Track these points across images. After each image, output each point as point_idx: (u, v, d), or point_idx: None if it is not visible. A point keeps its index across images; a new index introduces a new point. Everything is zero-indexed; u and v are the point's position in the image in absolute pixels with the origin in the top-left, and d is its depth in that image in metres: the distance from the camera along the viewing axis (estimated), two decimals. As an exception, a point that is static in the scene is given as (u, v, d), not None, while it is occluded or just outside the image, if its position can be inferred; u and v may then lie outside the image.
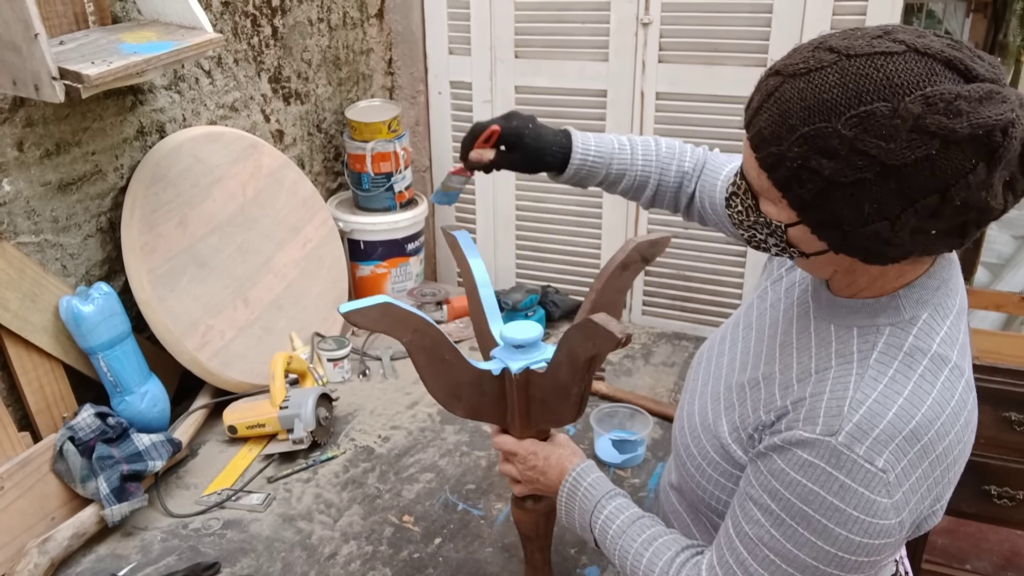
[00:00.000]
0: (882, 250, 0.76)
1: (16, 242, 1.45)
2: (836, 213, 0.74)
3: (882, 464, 0.77)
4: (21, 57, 1.23)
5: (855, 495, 0.78)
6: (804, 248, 0.82)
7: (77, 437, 1.41)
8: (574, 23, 2.16)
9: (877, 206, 0.71)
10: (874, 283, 0.84)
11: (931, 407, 0.79)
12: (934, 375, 0.80)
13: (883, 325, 0.83)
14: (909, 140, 0.68)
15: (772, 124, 0.75)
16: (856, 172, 0.70)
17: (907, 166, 0.68)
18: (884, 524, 0.79)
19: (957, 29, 3.97)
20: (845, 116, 0.70)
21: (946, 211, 0.70)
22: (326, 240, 2.04)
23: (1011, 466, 1.98)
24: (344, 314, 0.97)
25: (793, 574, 0.83)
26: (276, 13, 1.99)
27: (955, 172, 0.68)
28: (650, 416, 1.59)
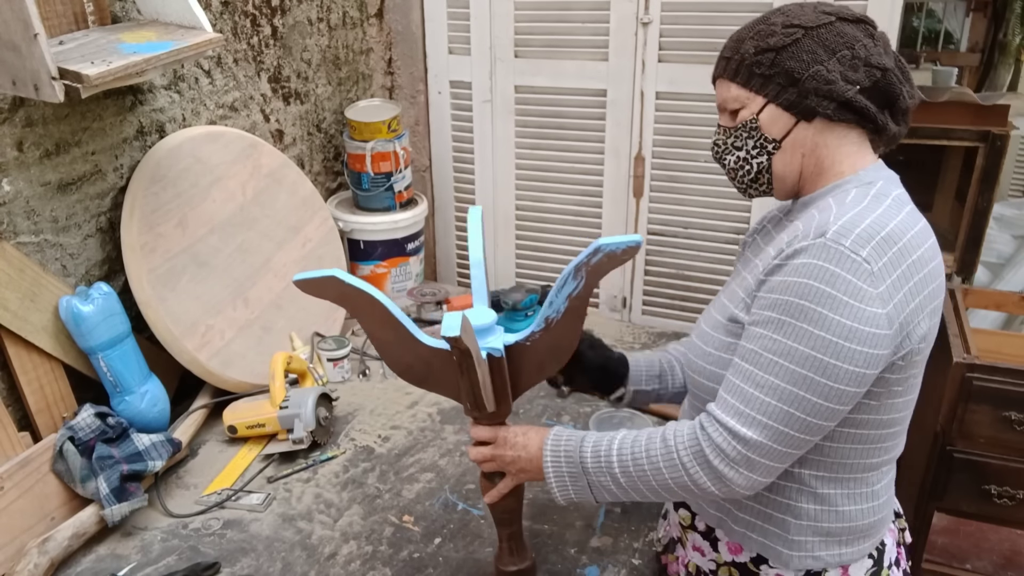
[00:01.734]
0: (827, 91, 0.99)
1: (16, 242, 1.45)
2: (787, 70, 1.00)
3: (866, 254, 0.91)
4: (21, 57, 1.23)
5: (843, 281, 0.91)
6: (775, 131, 1.03)
7: (77, 437, 1.41)
8: (574, 23, 2.16)
9: (812, 54, 0.99)
10: (835, 161, 1.03)
11: (901, 222, 0.96)
12: (898, 208, 0.98)
13: (849, 188, 1.02)
14: (816, 15, 1.02)
15: (730, 47, 1.06)
16: (790, 36, 1.01)
17: (820, 27, 1.00)
18: (872, 312, 0.91)
19: (957, 28, 3.97)
20: (773, 16, 1.05)
21: (859, 65, 0.99)
22: (326, 240, 2.04)
23: (1011, 466, 1.98)
24: (296, 282, 1.06)
25: (794, 369, 0.93)
26: (276, 13, 1.99)
27: (852, 36, 1.00)
28: (649, 419, 1.59)
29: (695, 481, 0.98)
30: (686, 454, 0.98)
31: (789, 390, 0.93)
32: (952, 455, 2.01)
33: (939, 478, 2.05)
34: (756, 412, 0.94)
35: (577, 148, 2.28)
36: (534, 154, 2.34)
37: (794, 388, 0.93)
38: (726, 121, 1.09)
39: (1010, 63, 3.54)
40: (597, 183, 2.29)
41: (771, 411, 0.94)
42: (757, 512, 1.08)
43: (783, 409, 0.93)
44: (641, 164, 2.21)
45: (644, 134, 2.18)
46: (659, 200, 2.24)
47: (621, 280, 2.36)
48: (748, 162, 1.07)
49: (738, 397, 0.96)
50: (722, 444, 0.96)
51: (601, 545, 1.36)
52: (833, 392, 0.92)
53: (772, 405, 0.94)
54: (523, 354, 1.13)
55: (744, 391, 0.96)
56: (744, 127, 1.05)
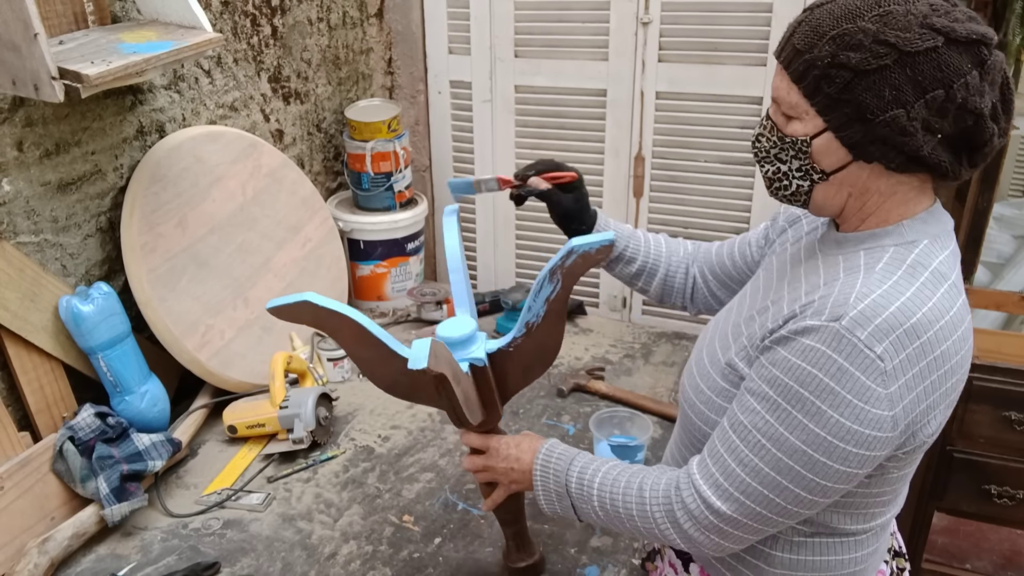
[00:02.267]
0: (899, 142, 0.83)
1: (16, 242, 1.45)
2: (859, 103, 0.83)
3: (880, 351, 0.82)
4: (21, 57, 1.23)
5: (851, 379, 0.82)
6: (826, 163, 0.90)
7: (77, 437, 1.41)
8: (574, 22, 2.16)
9: (896, 92, 0.82)
10: (881, 208, 0.91)
11: (931, 310, 0.84)
12: (935, 285, 0.86)
13: (888, 245, 0.90)
14: (920, 33, 0.81)
15: (805, 37, 0.87)
16: (878, 59, 0.81)
17: (919, 54, 0.81)
18: (876, 414, 0.83)
19: (957, 28, 3.96)
20: (868, 15, 0.83)
21: (949, 109, 0.82)
22: (326, 240, 2.04)
23: (1011, 466, 1.98)
24: (270, 310, 1.04)
25: (781, 458, 0.87)
26: (276, 13, 1.99)
27: (956, 70, 0.81)
28: (649, 420, 1.59)
29: (664, 536, 0.97)
30: (659, 511, 0.97)
31: (772, 476, 0.88)
32: (952, 455, 2.01)
33: (939, 478, 2.05)
34: (734, 488, 0.90)
35: (577, 148, 2.28)
36: (534, 154, 2.34)
37: (778, 476, 0.88)
38: (777, 119, 0.93)
39: (1010, 63, 3.53)
40: (597, 183, 2.29)
41: (750, 491, 0.89)
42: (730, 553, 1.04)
43: (762, 492, 0.89)
44: (641, 164, 2.21)
45: (644, 134, 2.18)
46: (659, 200, 2.24)
47: (621, 280, 2.36)
48: (788, 179, 0.94)
49: (719, 468, 0.92)
50: (695, 510, 0.93)
51: (601, 545, 1.36)
52: (818, 487, 0.87)
53: (752, 486, 0.89)
54: (508, 360, 1.13)
55: (726, 464, 0.91)
56: (794, 144, 0.91)
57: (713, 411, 1.00)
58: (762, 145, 0.96)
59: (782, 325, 0.90)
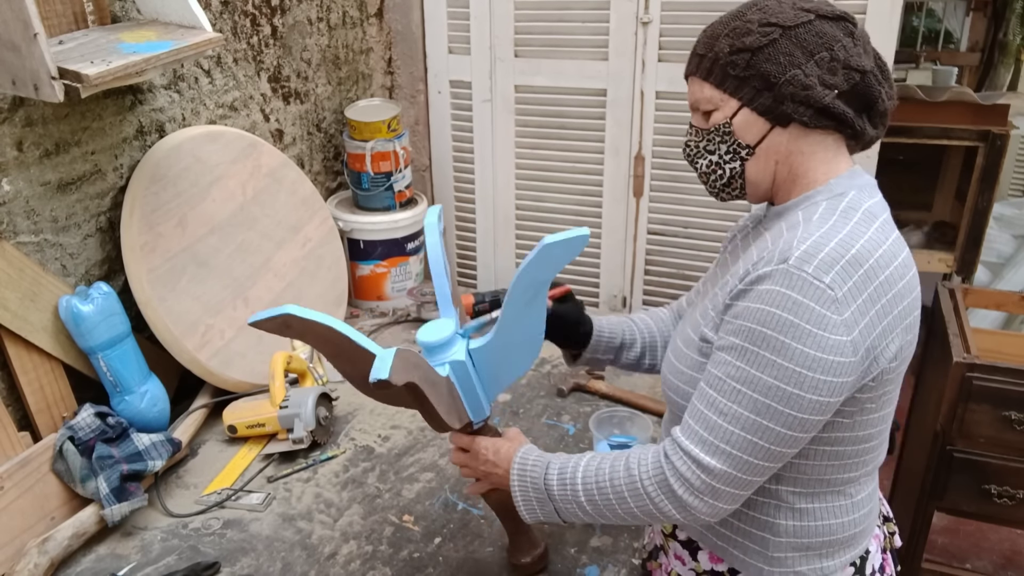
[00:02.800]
0: (804, 96, 0.95)
1: (16, 242, 1.45)
2: (763, 73, 0.96)
3: (829, 280, 0.89)
4: (20, 57, 1.23)
5: (806, 309, 0.89)
6: (749, 137, 1.00)
7: (77, 437, 1.41)
8: (574, 22, 2.16)
9: (789, 57, 0.95)
10: (808, 169, 1.00)
11: (868, 242, 0.93)
12: (867, 223, 0.95)
13: (820, 200, 0.99)
14: (794, 13, 0.96)
15: (704, 44, 1.01)
16: (767, 36, 0.96)
17: (799, 26, 0.95)
18: (836, 340, 0.89)
19: (957, 28, 3.97)
20: (749, 12, 0.99)
21: (837, 68, 0.95)
22: (326, 239, 2.04)
23: (1011, 465, 1.98)
24: (251, 324, 1.03)
25: (757, 399, 0.91)
26: (275, 12, 1.99)
27: (832, 36, 0.95)
28: (649, 419, 1.59)
29: (659, 509, 0.98)
30: (650, 483, 0.97)
31: (752, 419, 0.92)
32: (952, 455, 2.01)
33: (939, 478, 2.05)
34: (720, 440, 0.93)
35: (577, 148, 2.28)
36: (534, 154, 2.34)
37: (757, 417, 0.91)
38: (698, 121, 1.05)
39: (1010, 63, 3.54)
40: (597, 183, 2.29)
41: (734, 440, 0.92)
42: (736, 528, 1.07)
43: (746, 438, 0.92)
44: (641, 164, 2.21)
45: (644, 134, 2.18)
46: (659, 200, 2.24)
47: (621, 279, 2.36)
48: (720, 167, 1.04)
49: (702, 424, 0.95)
50: (686, 473, 0.95)
51: (601, 545, 1.36)
52: (796, 421, 0.91)
53: (735, 434, 0.92)
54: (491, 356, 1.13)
55: (708, 418, 0.94)
56: (717, 131, 1.01)
57: (693, 385, 1.03)
58: (690, 147, 1.07)
59: (738, 284, 0.97)
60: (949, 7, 3.85)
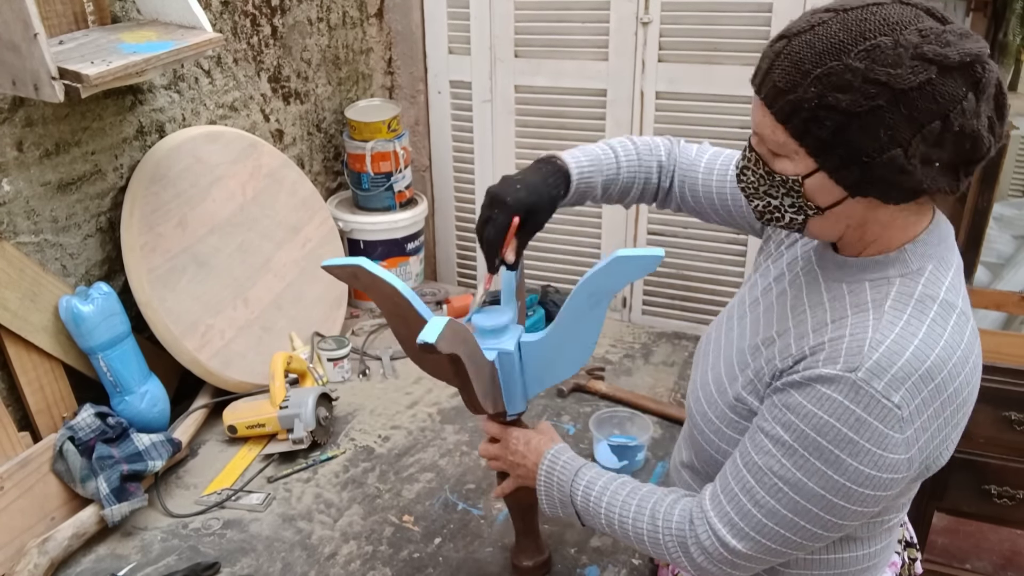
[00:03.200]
0: (898, 180, 0.80)
1: (16, 242, 1.45)
2: (854, 146, 0.79)
3: (898, 400, 0.81)
4: (21, 57, 1.23)
5: (869, 428, 0.82)
6: (820, 200, 0.86)
7: (77, 437, 1.41)
8: (574, 22, 2.16)
9: (891, 132, 0.77)
10: (882, 236, 0.89)
11: (944, 348, 0.84)
12: (944, 319, 0.85)
13: (893, 277, 0.88)
14: (912, 66, 0.76)
15: (786, 75, 0.82)
16: (870, 100, 0.77)
17: (913, 90, 0.76)
18: (894, 459, 0.83)
19: (957, 28, 3.96)
20: (854, 51, 0.78)
21: (947, 138, 0.78)
22: (326, 240, 2.04)
23: (1011, 466, 1.98)
24: (324, 267, 1.07)
25: (799, 501, 0.87)
26: (276, 12, 1.99)
27: (951, 98, 0.77)
28: (649, 420, 1.59)
29: (674, 562, 0.97)
30: (671, 540, 0.96)
31: (788, 517, 0.88)
32: (952, 455, 2.01)
33: (939, 478, 2.04)
34: (749, 528, 0.90)
35: (577, 148, 2.28)
36: (534, 154, 2.33)
37: (794, 517, 0.88)
38: (763, 152, 0.89)
39: (1010, 63, 3.54)
40: (597, 183, 2.29)
41: (765, 531, 0.89)
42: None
43: (778, 531, 0.89)
44: (641, 164, 2.21)
45: (644, 134, 2.17)
46: (659, 200, 2.24)
47: (621, 280, 2.36)
48: (779, 212, 0.90)
49: (734, 507, 0.91)
50: (708, 547, 0.93)
51: (601, 545, 1.36)
52: (833, 525, 0.88)
53: (768, 526, 0.89)
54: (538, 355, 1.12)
55: (741, 504, 0.90)
56: (784, 182, 0.87)
57: (723, 440, 1.00)
58: (749, 179, 0.92)
59: (792, 366, 0.89)
60: (949, 8, 3.85)
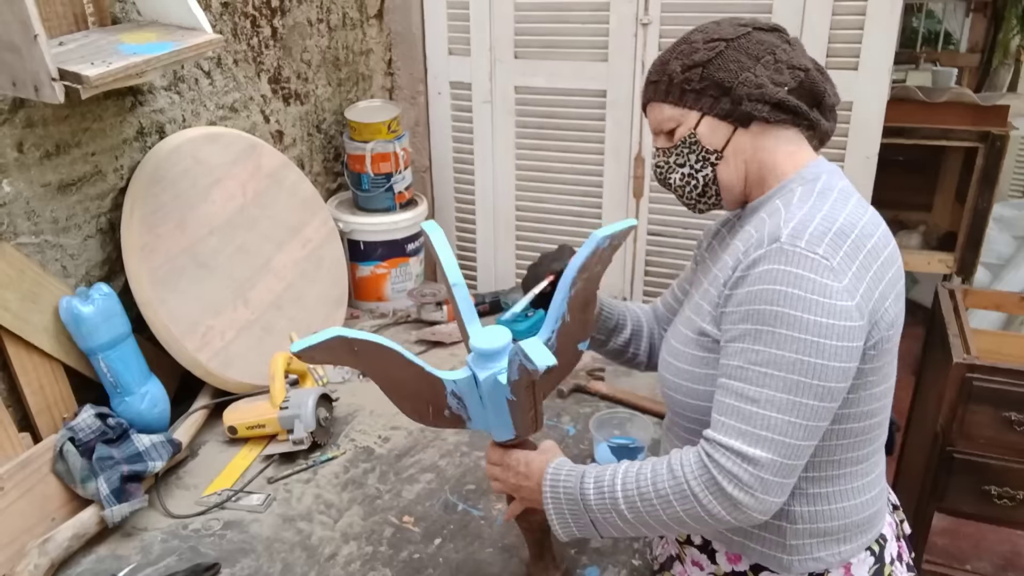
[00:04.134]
0: (758, 94, 1.01)
1: (16, 243, 1.45)
2: (718, 82, 1.03)
3: (822, 251, 0.93)
4: (21, 58, 1.23)
5: (809, 282, 0.92)
6: (715, 142, 1.05)
7: (77, 438, 1.42)
8: (574, 23, 2.16)
9: (737, 63, 1.03)
10: (776, 163, 1.05)
11: (850, 214, 0.98)
12: (845, 200, 1.01)
13: (794, 187, 1.04)
14: (733, 28, 1.06)
15: (655, 71, 1.09)
16: (714, 50, 1.04)
17: (740, 38, 1.04)
18: (842, 305, 0.92)
19: (957, 29, 3.97)
20: (693, 35, 1.08)
21: (783, 67, 1.02)
22: (326, 240, 2.04)
23: (1011, 466, 1.98)
24: (296, 353, 0.98)
25: (786, 376, 0.92)
26: (275, 14, 1.99)
27: (770, 43, 1.04)
28: (649, 420, 1.59)
29: (709, 511, 0.93)
30: (697, 484, 0.93)
31: (786, 398, 0.91)
32: (952, 456, 2.01)
33: (939, 479, 2.05)
34: (759, 429, 0.91)
35: (577, 149, 2.29)
36: (534, 155, 2.35)
37: (790, 395, 0.91)
38: (663, 143, 1.11)
39: (1010, 64, 3.54)
40: (597, 183, 2.29)
41: (774, 424, 0.91)
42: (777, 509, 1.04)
43: (785, 419, 0.91)
44: (641, 165, 2.21)
45: (644, 135, 2.18)
46: (659, 200, 2.24)
47: (621, 280, 2.36)
48: (693, 176, 1.08)
49: (736, 417, 0.93)
50: (734, 469, 0.91)
51: (601, 546, 1.36)
52: (826, 391, 0.92)
53: (773, 417, 0.91)
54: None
55: (741, 410, 0.93)
56: (684, 143, 1.07)
57: (696, 381, 1.05)
58: (660, 168, 1.12)
59: (732, 274, 0.99)
60: (949, 8, 3.85)
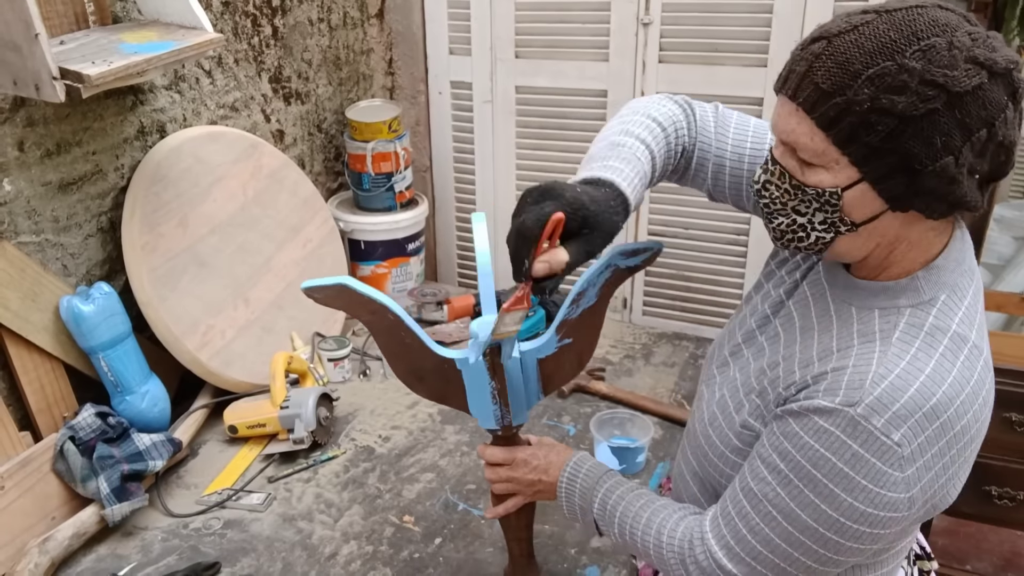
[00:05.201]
0: (946, 191, 0.76)
1: (17, 242, 1.45)
2: (906, 153, 0.74)
3: (898, 438, 0.78)
4: (22, 57, 1.23)
5: (866, 465, 0.79)
6: (857, 215, 0.81)
7: (78, 437, 1.42)
8: (574, 23, 2.16)
9: (945, 138, 0.73)
10: (907, 256, 0.84)
11: (951, 385, 0.79)
12: (954, 354, 0.81)
13: (903, 307, 0.84)
14: (966, 69, 0.73)
15: (831, 76, 0.75)
16: (927, 103, 0.72)
17: (967, 94, 0.72)
18: (892, 497, 0.79)
19: (958, 29, 3.95)
20: (909, 51, 0.73)
21: (990, 148, 0.75)
22: (327, 240, 2.04)
23: (1011, 466, 1.98)
24: (304, 290, 1.00)
25: (791, 532, 0.85)
26: (276, 13, 1.99)
27: (997, 105, 0.74)
28: (650, 420, 1.59)
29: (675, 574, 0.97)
30: (673, 559, 0.96)
31: (782, 547, 0.86)
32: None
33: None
34: (745, 553, 0.89)
35: (578, 148, 2.28)
36: (535, 154, 2.34)
37: (788, 547, 0.86)
38: (790, 166, 0.83)
39: (1010, 64, 3.52)
40: (598, 183, 2.29)
41: (760, 558, 0.88)
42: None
43: (772, 560, 0.87)
44: (642, 165, 2.21)
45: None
46: (659, 200, 2.24)
47: (621, 280, 2.36)
48: (806, 231, 0.84)
49: (731, 532, 0.90)
50: (705, 567, 0.92)
51: (601, 545, 1.36)
52: (829, 560, 0.85)
53: (762, 554, 0.88)
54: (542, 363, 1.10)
55: (738, 529, 0.89)
56: (819, 196, 0.81)
57: (728, 466, 0.99)
58: (772, 195, 0.85)
59: (794, 394, 0.87)
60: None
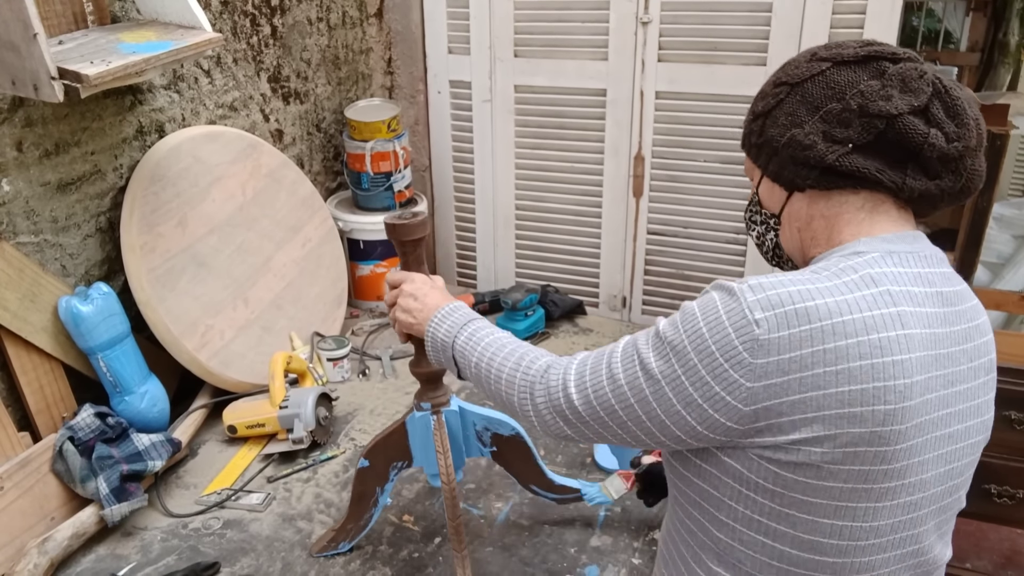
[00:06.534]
0: (802, 156, 0.87)
1: (15, 242, 1.45)
2: (769, 139, 0.90)
3: (759, 317, 0.78)
4: (20, 57, 1.23)
5: (721, 333, 0.79)
6: (771, 205, 0.95)
7: (77, 437, 1.41)
8: (574, 22, 2.16)
9: (790, 117, 0.88)
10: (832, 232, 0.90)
11: (840, 303, 0.78)
12: (857, 287, 0.80)
13: (832, 256, 0.87)
14: (807, 66, 0.89)
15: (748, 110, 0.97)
16: (775, 98, 0.91)
17: (807, 80, 0.88)
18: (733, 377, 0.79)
19: (957, 28, 3.96)
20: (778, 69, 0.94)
21: (851, 117, 0.84)
22: (326, 239, 2.04)
23: (1011, 465, 1.98)
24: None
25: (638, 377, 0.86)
26: (275, 12, 1.99)
27: (846, 83, 0.86)
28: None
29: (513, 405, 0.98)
30: (523, 381, 0.96)
31: (624, 390, 0.87)
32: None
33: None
34: (591, 387, 0.90)
35: (577, 148, 2.28)
36: (534, 154, 2.34)
37: (628, 390, 0.87)
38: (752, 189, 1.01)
39: (1010, 64, 3.53)
40: (597, 183, 2.29)
41: (601, 396, 0.89)
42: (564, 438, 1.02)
43: (610, 401, 0.88)
44: (641, 164, 2.21)
45: (644, 134, 2.18)
46: (659, 200, 2.24)
47: (621, 280, 2.36)
48: (763, 237, 1.00)
49: (590, 368, 0.91)
50: (552, 390, 0.93)
51: (601, 544, 1.36)
52: (655, 417, 0.85)
53: (605, 393, 0.89)
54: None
55: (597, 364, 0.91)
56: (753, 203, 0.99)
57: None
58: (746, 215, 1.04)
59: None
60: (949, 7, 3.84)
